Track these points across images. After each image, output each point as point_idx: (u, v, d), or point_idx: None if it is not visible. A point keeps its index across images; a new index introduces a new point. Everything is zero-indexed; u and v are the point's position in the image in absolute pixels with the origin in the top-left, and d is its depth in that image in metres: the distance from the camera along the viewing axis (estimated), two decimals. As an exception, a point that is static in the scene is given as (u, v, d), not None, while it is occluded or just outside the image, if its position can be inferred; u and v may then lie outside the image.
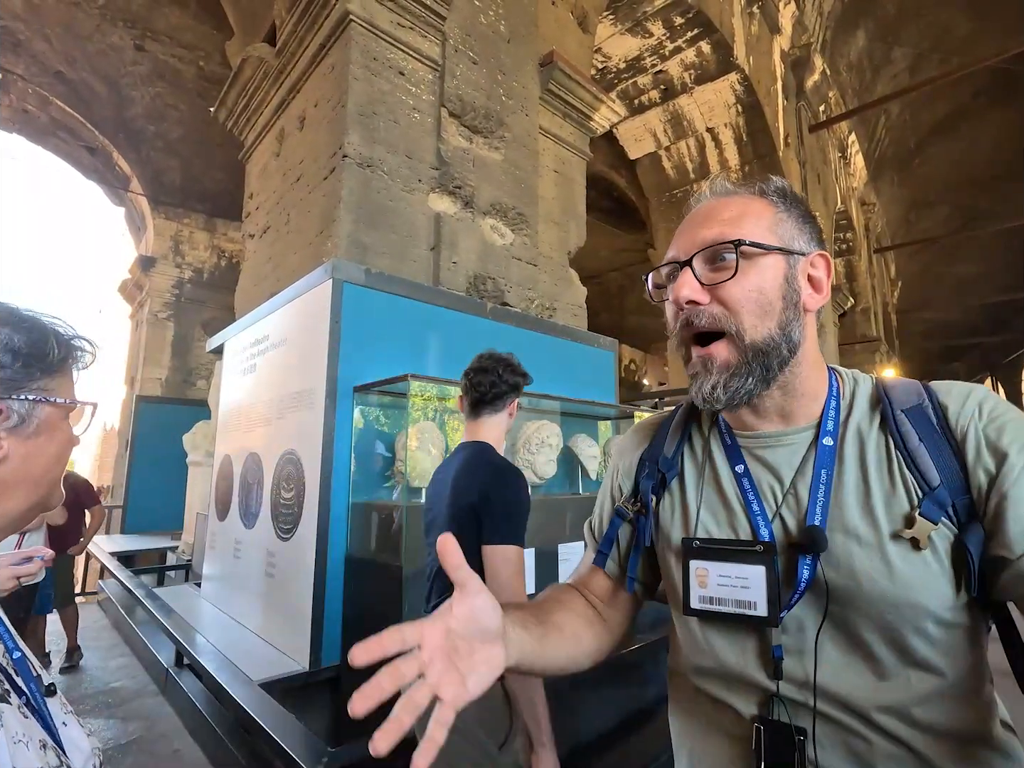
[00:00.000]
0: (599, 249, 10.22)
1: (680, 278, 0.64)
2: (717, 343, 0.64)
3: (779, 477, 0.68)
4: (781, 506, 0.66)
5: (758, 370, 0.63)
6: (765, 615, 0.62)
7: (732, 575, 0.65)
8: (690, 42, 5.85)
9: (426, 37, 3.00)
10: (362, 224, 2.63)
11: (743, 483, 0.69)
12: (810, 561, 0.62)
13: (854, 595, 0.60)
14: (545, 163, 3.71)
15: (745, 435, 0.71)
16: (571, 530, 2.35)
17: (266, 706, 1.60)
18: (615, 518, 0.81)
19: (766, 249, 0.64)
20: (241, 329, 3.02)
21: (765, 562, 0.63)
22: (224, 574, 2.79)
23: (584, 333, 3.25)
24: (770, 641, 0.64)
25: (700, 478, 0.73)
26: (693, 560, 0.68)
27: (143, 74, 6.48)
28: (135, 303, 8.23)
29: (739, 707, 0.66)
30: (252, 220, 3.74)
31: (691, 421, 0.80)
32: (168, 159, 7.39)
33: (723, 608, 0.65)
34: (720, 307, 0.63)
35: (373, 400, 2.26)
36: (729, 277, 0.62)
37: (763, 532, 0.66)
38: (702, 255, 0.64)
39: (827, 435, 0.67)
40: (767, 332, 0.63)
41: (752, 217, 0.65)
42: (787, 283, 0.65)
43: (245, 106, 3.73)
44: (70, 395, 0.63)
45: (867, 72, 9.44)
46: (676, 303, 0.65)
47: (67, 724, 0.59)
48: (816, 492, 0.64)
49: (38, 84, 6.62)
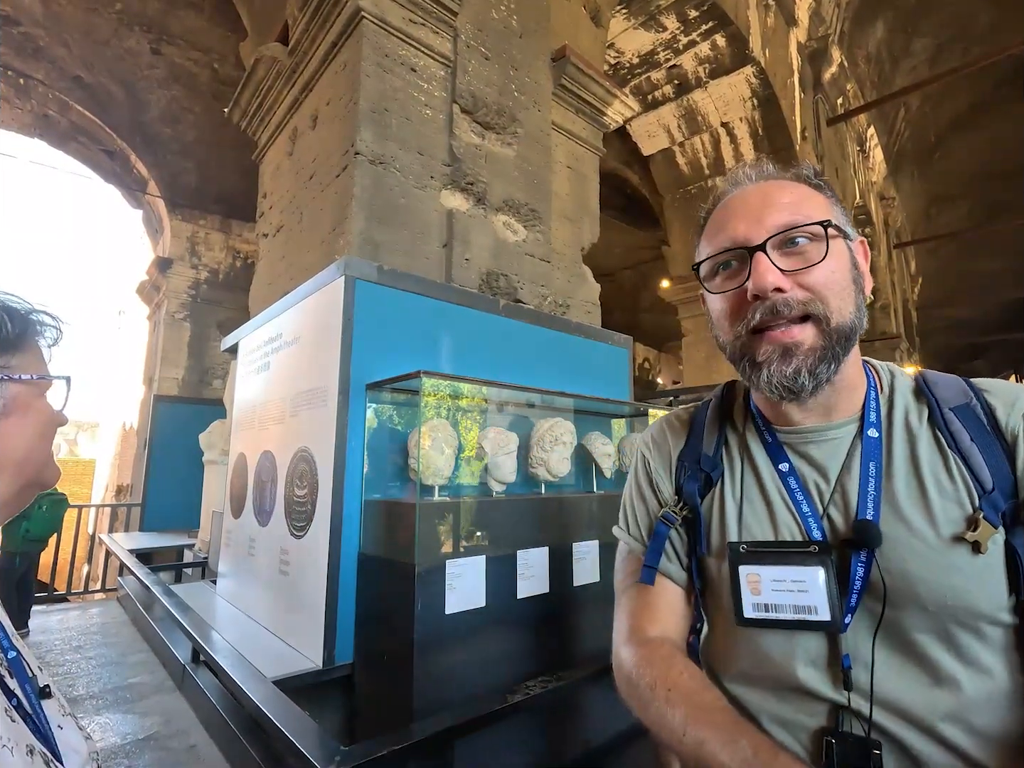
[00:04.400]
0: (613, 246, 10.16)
1: (757, 266, 0.61)
2: (802, 327, 0.61)
3: (825, 474, 0.65)
4: (828, 504, 0.64)
5: (840, 354, 0.62)
6: (828, 619, 0.59)
7: (787, 579, 0.61)
8: (704, 35, 5.78)
9: (438, 33, 2.99)
10: (375, 221, 2.62)
11: (789, 482, 0.66)
12: (864, 559, 0.59)
13: (908, 595, 0.57)
14: (558, 159, 3.68)
15: (786, 431, 0.68)
16: (586, 529, 2.32)
17: (279, 704, 1.60)
18: (660, 526, 0.74)
19: (840, 233, 0.63)
20: (255, 328, 3.03)
21: (823, 563, 0.60)
22: (239, 571, 2.80)
23: (598, 330, 3.22)
24: (836, 648, 0.60)
25: (739, 478, 0.70)
26: (743, 566, 0.64)
27: (159, 77, 6.57)
28: (153, 304, 8.34)
29: (801, 721, 0.61)
30: (266, 219, 3.76)
31: (724, 416, 0.76)
32: (184, 161, 7.48)
33: (781, 615, 0.61)
34: (804, 292, 0.61)
35: (386, 398, 2.25)
36: (819, 260, 0.61)
37: (815, 533, 0.62)
38: (775, 240, 0.61)
39: (871, 427, 0.65)
40: (850, 315, 0.62)
41: (810, 201, 0.64)
42: (853, 267, 0.64)
43: (259, 106, 3.75)
44: (40, 372, 0.60)
45: (886, 64, 9.26)
46: (759, 291, 0.60)
47: (63, 727, 0.57)
48: (865, 486, 0.62)
49: (58, 89, 6.73)
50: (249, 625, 2.44)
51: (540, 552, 2.10)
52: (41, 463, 0.61)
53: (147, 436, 6.52)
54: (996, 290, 14.79)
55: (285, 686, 1.75)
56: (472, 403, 2.47)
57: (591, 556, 2.29)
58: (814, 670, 0.61)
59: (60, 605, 4.89)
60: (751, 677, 0.65)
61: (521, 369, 2.59)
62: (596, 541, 2.32)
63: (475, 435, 2.35)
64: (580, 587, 2.22)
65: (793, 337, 0.61)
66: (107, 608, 4.44)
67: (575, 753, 2.06)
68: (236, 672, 1.82)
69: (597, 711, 2.19)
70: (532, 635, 2.03)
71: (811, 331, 0.61)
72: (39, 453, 0.60)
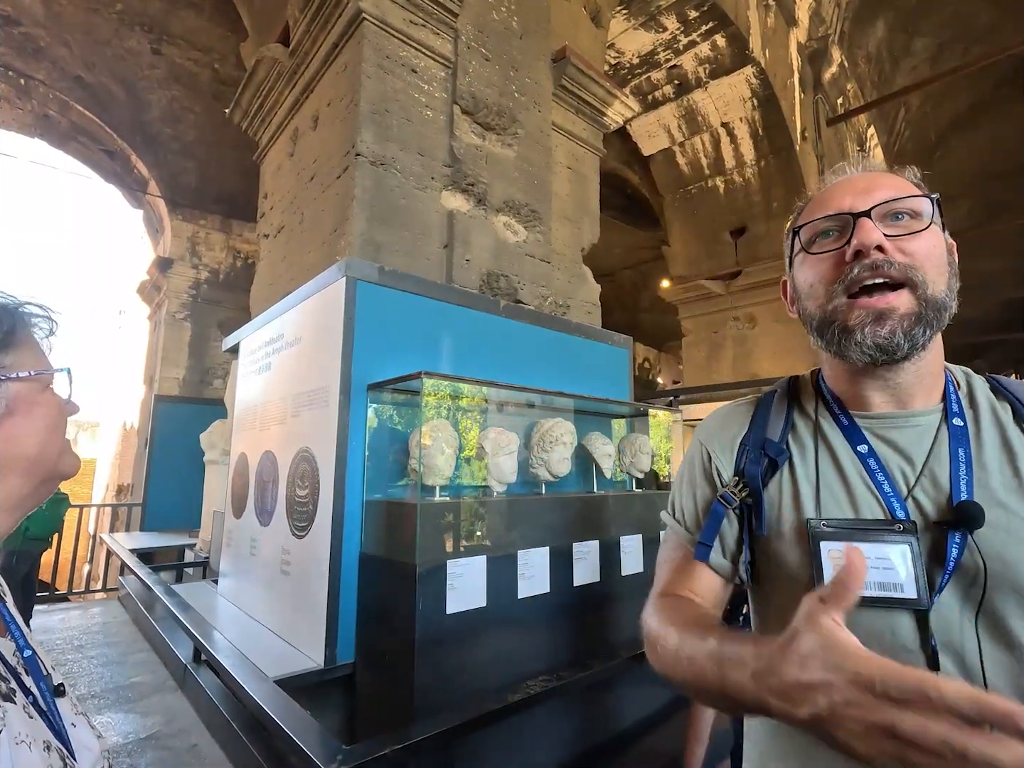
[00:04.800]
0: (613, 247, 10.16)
1: (862, 225, 0.63)
2: (898, 294, 0.62)
3: (909, 458, 0.66)
4: (915, 487, 0.65)
5: (934, 323, 0.63)
6: (915, 597, 0.59)
7: (871, 556, 0.62)
8: (705, 36, 5.79)
9: (439, 34, 2.99)
10: (375, 222, 2.63)
11: (868, 463, 0.67)
12: (959, 540, 0.59)
13: (1004, 578, 0.58)
14: (558, 159, 3.69)
15: (865, 415, 0.69)
16: (586, 528, 2.33)
17: (281, 703, 1.60)
18: (717, 506, 0.74)
19: (940, 220, 0.66)
20: (256, 328, 3.04)
21: (908, 541, 0.61)
22: (240, 571, 2.81)
23: (598, 331, 3.23)
24: (924, 628, 0.60)
25: (813, 460, 0.71)
26: (824, 542, 0.64)
27: (160, 77, 6.57)
28: (153, 304, 8.35)
29: None
30: (267, 220, 3.77)
31: (791, 403, 0.77)
32: (184, 161, 7.48)
33: (865, 592, 0.60)
34: (905, 257, 0.63)
35: (387, 398, 2.26)
36: (921, 229, 0.63)
37: (899, 513, 0.63)
38: (880, 209, 0.64)
39: (955, 416, 0.67)
40: (943, 289, 0.64)
41: (914, 190, 0.67)
42: (948, 253, 0.67)
43: (259, 107, 3.76)
44: (38, 366, 0.60)
45: (886, 64, 9.26)
46: (863, 246, 0.62)
47: (76, 725, 0.58)
48: (957, 470, 0.63)
49: (58, 89, 6.74)
50: (250, 625, 2.44)
51: (540, 552, 2.10)
52: (55, 456, 0.60)
53: (148, 436, 6.53)
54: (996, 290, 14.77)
55: (287, 685, 1.76)
56: (473, 403, 2.48)
57: (592, 556, 2.30)
58: (902, 651, 0.60)
59: (61, 605, 4.90)
60: None
61: (521, 369, 2.60)
62: (596, 541, 2.32)
63: (476, 435, 2.36)
64: (581, 587, 2.22)
65: (889, 302, 0.62)
66: (108, 608, 4.45)
67: (576, 752, 2.07)
68: (237, 671, 1.83)
69: (598, 710, 2.20)
70: (533, 635, 2.04)
71: (906, 297, 0.62)
72: (51, 446, 0.60)
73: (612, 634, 2.30)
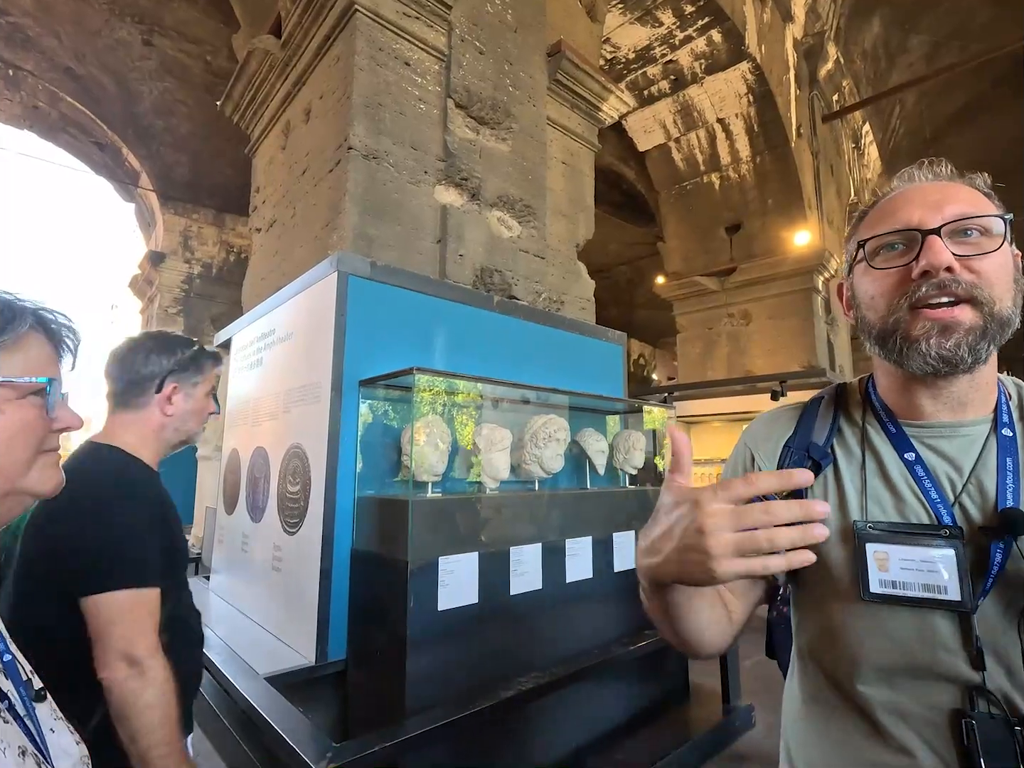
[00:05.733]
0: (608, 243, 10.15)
1: (932, 245, 0.63)
2: (963, 308, 0.63)
3: (957, 467, 0.68)
4: (961, 494, 0.66)
5: (998, 337, 0.64)
6: (959, 599, 0.61)
7: (916, 559, 0.63)
8: (701, 31, 5.77)
9: (432, 27, 2.96)
10: (368, 216, 2.61)
11: (915, 470, 0.68)
12: (1003, 545, 0.61)
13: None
14: (553, 154, 3.67)
15: (914, 424, 0.71)
16: (579, 525, 2.33)
17: (271, 700, 1.60)
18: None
19: (1010, 235, 0.65)
20: (247, 323, 3.01)
21: (954, 546, 0.63)
22: (232, 568, 2.80)
23: (592, 327, 3.22)
24: (969, 630, 0.61)
25: (859, 465, 0.72)
26: (870, 543, 0.66)
27: (151, 69, 6.50)
28: (145, 298, 8.29)
29: (924, 708, 0.63)
30: (259, 214, 3.74)
31: (838, 410, 0.79)
32: (177, 154, 7.42)
33: (909, 592, 0.63)
34: (972, 276, 0.63)
35: (379, 394, 2.24)
36: (992, 250, 0.63)
37: (945, 518, 0.65)
38: (951, 227, 0.64)
39: (1004, 427, 0.68)
40: (1009, 307, 0.64)
41: (985, 203, 0.67)
42: (1017, 271, 0.67)
43: (251, 99, 3.72)
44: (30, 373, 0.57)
45: (882, 61, 9.26)
46: (932, 267, 0.62)
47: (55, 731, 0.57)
48: (1004, 479, 0.64)
49: (48, 80, 6.66)
50: (242, 621, 2.43)
51: (533, 548, 2.10)
52: (15, 470, 0.57)
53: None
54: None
55: (278, 682, 1.75)
56: (466, 399, 2.47)
57: (584, 552, 2.30)
58: (945, 652, 0.62)
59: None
60: (868, 663, 0.66)
61: (515, 365, 2.59)
62: (589, 538, 2.32)
63: (469, 431, 2.35)
64: (573, 583, 2.22)
65: (954, 316, 0.62)
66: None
67: (567, 747, 2.07)
68: (228, 668, 1.82)
69: (589, 707, 2.20)
70: (525, 631, 2.04)
71: (971, 312, 0.63)
72: (6, 459, 0.56)
73: (604, 631, 2.30)
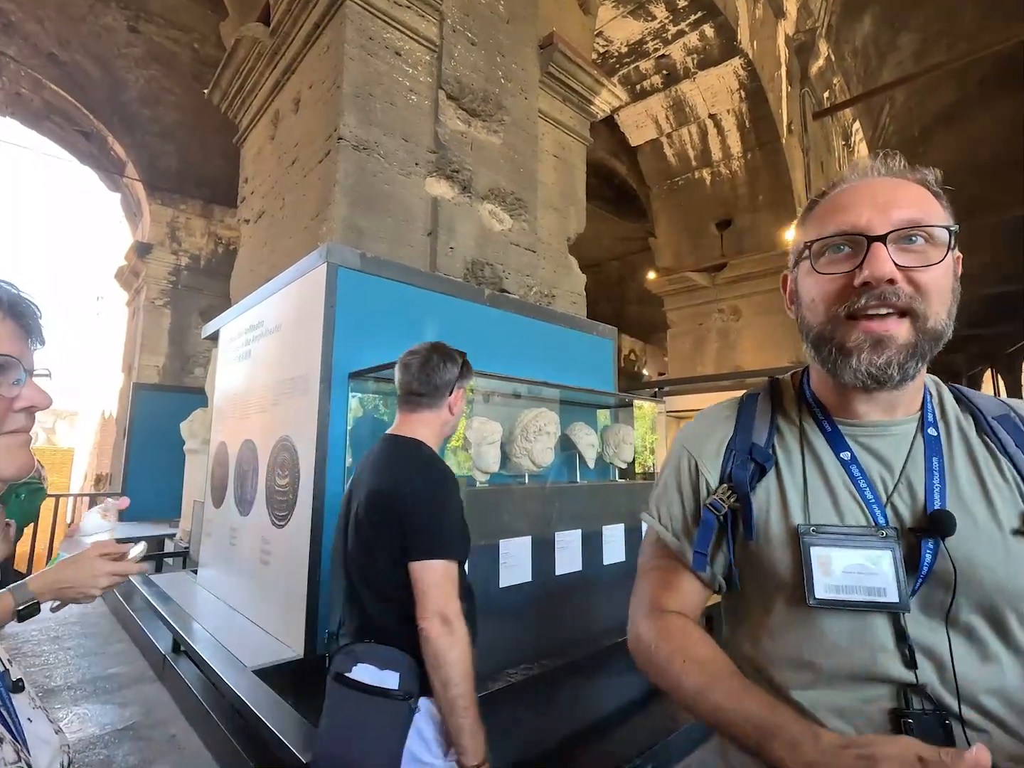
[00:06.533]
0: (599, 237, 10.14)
1: (877, 254, 0.62)
2: (899, 321, 0.63)
3: (889, 466, 0.69)
4: (892, 494, 0.67)
5: (928, 355, 0.64)
6: (896, 600, 0.62)
7: (858, 561, 0.64)
8: (693, 25, 5.76)
9: (423, 17, 2.94)
10: (358, 208, 2.59)
11: (851, 470, 0.69)
12: (932, 545, 0.63)
13: (970, 581, 0.61)
14: (545, 148, 3.65)
15: (848, 423, 0.71)
16: (567, 519, 2.34)
17: (260, 693, 1.59)
18: (707, 514, 0.73)
19: (954, 244, 0.65)
20: (236, 315, 2.98)
21: (891, 547, 0.64)
22: (220, 561, 2.78)
23: (583, 321, 3.22)
24: (902, 628, 0.63)
25: (800, 465, 0.72)
26: (815, 547, 0.66)
27: (137, 57, 6.38)
28: (132, 290, 8.18)
29: (864, 707, 0.63)
30: (247, 205, 3.69)
31: (775, 407, 0.78)
32: (164, 144, 7.30)
33: (853, 596, 0.63)
34: (912, 288, 0.63)
35: (369, 387, 2.23)
36: (936, 262, 0.63)
37: (879, 519, 0.66)
38: (897, 234, 0.63)
39: (930, 426, 0.70)
40: (943, 321, 0.64)
41: (933, 206, 0.66)
42: (954, 278, 0.67)
43: (240, 88, 3.67)
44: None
45: (872, 58, 9.31)
46: (875, 279, 0.62)
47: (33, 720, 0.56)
48: (931, 479, 0.66)
49: (31, 66, 6.52)
50: (230, 615, 2.42)
51: (522, 541, 2.11)
52: None
53: (127, 425, 6.42)
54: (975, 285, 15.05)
55: (266, 675, 1.75)
56: (456, 393, 2.46)
57: (574, 545, 2.31)
58: (882, 653, 0.63)
59: (38, 595, 4.81)
60: (812, 666, 0.66)
61: (506, 359, 2.58)
62: (579, 530, 2.33)
63: (460, 425, 2.34)
64: (563, 576, 2.23)
65: (888, 330, 0.62)
66: (86, 598, 4.38)
67: (557, 739, 2.08)
68: (216, 662, 1.81)
69: (578, 698, 2.21)
70: (514, 624, 2.05)
71: (906, 327, 0.63)
72: None
73: (594, 623, 2.31)
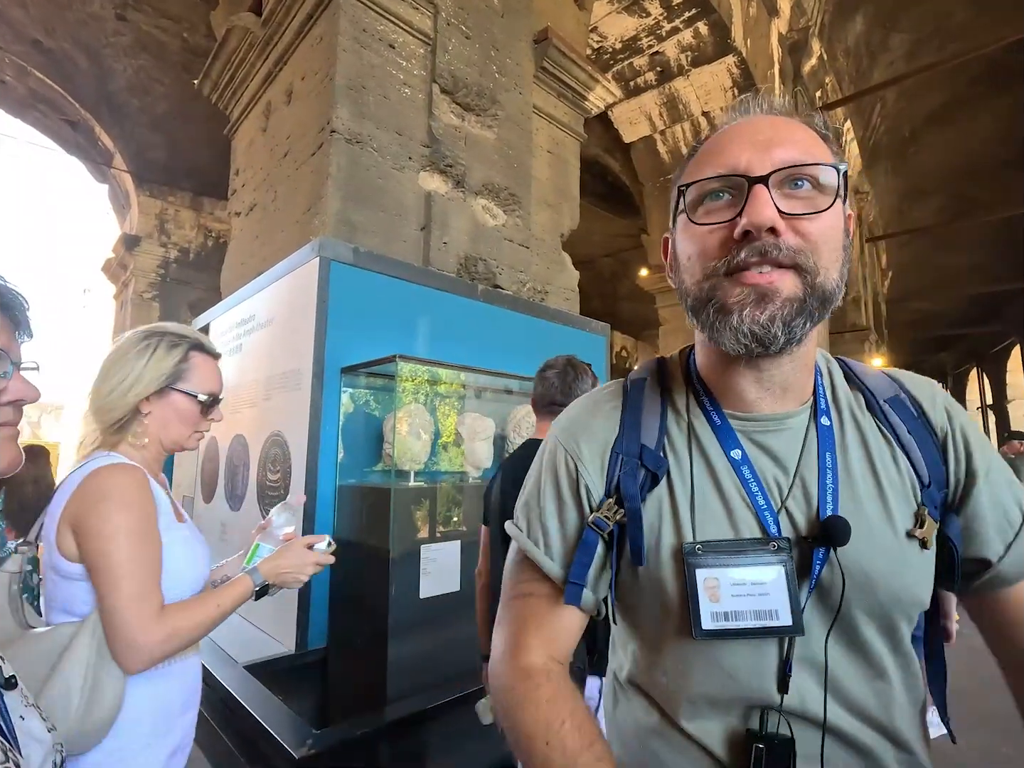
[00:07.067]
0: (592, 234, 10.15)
1: (758, 195, 0.52)
2: (783, 273, 0.52)
3: (783, 466, 0.59)
4: (787, 498, 0.58)
5: (816, 316, 0.54)
6: (790, 624, 0.54)
7: (747, 581, 0.55)
8: (687, 23, 5.76)
9: (417, 9, 2.91)
10: (351, 202, 2.57)
11: (742, 472, 0.59)
12: (822, 556, 0.55)
13: (863, 591, 0.55)
14: (539, 143, 3.64)
15: (739, 417, 0.61)
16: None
17: (251, 688, 1.59)
18: (590, 534, 0.61)
19: (844, 192, 0.55)
20: (226, 309, 2.96)
21: (782, 561, 0.55)
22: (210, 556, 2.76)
23: (576, 317, 3.22)
24: (784, 650, 0.55)
25: (688, 470, 0.61)
26: (700, 569, 0.56)
27: (126, 45, 6.28)
28: (119, 283, 8.08)
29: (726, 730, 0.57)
30: (238, 197, 3.65)
31: (664, 397, 0.66)
32: (153, 135, 7.20)
33: (742, 623, 0.54)
34: (798, 240, 0.53)
35: (361, 382, 2.22)
36: (823, 209, 0.53)
37: (772, 528, 0.57)
38: (780, 175, 0.53)
39: (823, 414, 0.60)
40: (835, 277, 0.55)
41: (821, 148, 0.56)
42: (845, 235, 0.57)
43: (230, 79, 3.62)
44: None
45: (864, 59, 9.36)
46: (754, 226, 0.52)
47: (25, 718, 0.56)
48: (824, 479, 0.57)
49: (14, 53, 6.40)
50: (220, 610, 2.41)
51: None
52: None
53: (115, 419, 6.34)
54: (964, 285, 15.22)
55: (257, 671, 1.74)
56: (449, 388, 2.46)
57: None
58: (764, 676, 0.56)
59: (24, 591, 4.76)
60: (706, 698, 0.58)
61: (499, 355, 2.58)
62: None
63: (452, 420, 2.34)
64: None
65: (772, 282, 0.52)
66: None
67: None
68: (207, 657, 1.80)
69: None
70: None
71: (792, 280, 0.53)
72: None
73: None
